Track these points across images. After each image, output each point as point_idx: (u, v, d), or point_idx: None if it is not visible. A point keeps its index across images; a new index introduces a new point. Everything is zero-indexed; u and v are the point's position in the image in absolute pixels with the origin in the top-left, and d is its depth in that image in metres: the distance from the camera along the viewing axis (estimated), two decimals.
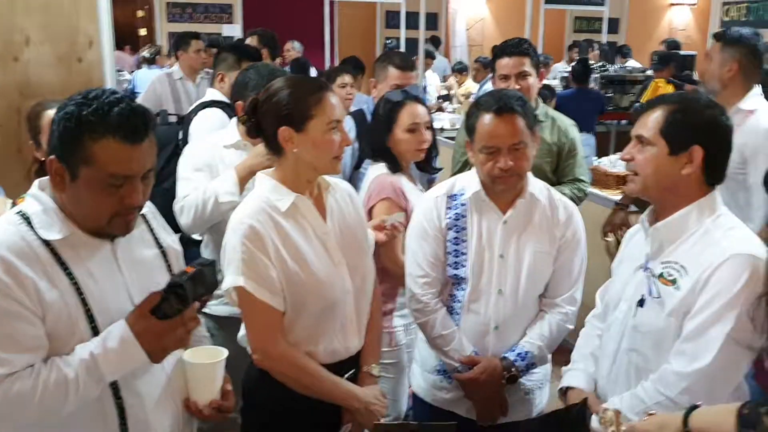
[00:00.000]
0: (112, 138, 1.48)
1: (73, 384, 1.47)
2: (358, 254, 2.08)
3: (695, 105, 1.82)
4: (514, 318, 2.24)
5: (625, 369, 1.90)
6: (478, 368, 2.19)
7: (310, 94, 1.92)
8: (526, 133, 2.15)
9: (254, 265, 1.87)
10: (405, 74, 3.19)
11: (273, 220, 1.92)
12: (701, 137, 1.77)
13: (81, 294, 1.53)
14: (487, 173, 2.16)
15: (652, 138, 1.81)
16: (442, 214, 2.25)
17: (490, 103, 2.16)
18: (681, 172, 1.78)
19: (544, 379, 2.40)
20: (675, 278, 1.78)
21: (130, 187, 1.53)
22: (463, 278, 2.22)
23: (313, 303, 1.94)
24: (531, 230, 2.22)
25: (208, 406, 1.71)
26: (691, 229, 1.80)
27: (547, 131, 3.19)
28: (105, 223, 1.55)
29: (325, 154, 1.94)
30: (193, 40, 5.48)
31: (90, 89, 1.55)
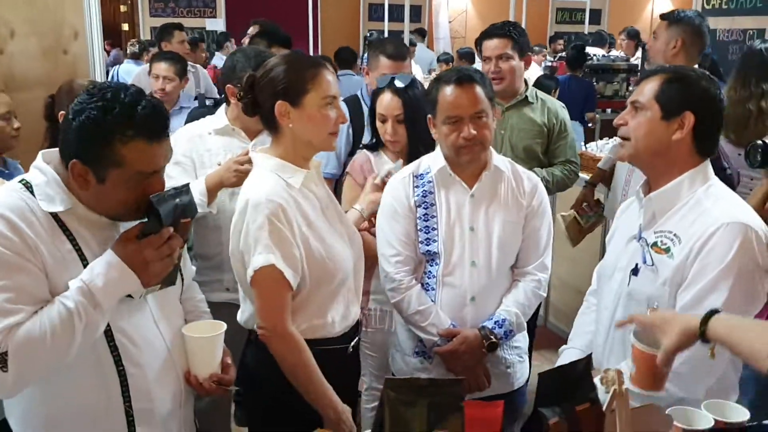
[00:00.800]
0: (141, 140, 1.52)
1: (76, 314, 1.50)
2: (349, 224, 2.14)
3: (691, 74, 1.89)
4: (490, 288, 2.29)
5: (620, 338, 1.93)
6: (457, 339, 2.24)
7: (307, 69, 1.94)
8: (486, 103, 2.21)
9: (281, 244, 1.86)
10: (396, 64, 3.18)
11: (292, 198, 1.93)
12: (694, 104, 1.83)
13: (84, 260, 1.56)
14: (452, 144, 2.21)
15: (646, 103, 1.86)
16: (410, 193, 2.30)
17: (449, 75, 2.24)
18: (672, 138, 1.84)
19: (523, 352, 2.45)
20: (668, 246, 1.83)
21: (156, 179, 1.59)
22: (435, 253, 2.27)
23: (331, 277, 1.97)
24: (498, 202, 2.28)
25: (208, 380, 1.74)
26: (683, 198, 1.85)
27: (537, 112, 3.25)
28: (128, 214, 1.60)
29: (321, 130, 1.96)
30: (176, 31, 5.46)
31: (99, 84, 1.59)
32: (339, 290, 2.01)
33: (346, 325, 2.05)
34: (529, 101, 3.27)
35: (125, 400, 1.63)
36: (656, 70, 1.93)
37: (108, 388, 1.62)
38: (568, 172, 3.28)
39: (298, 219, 1.91)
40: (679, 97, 1.83)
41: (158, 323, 1.71)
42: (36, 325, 1.47)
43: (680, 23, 3.33)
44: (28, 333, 1.46)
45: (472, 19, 13.85)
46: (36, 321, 1.48)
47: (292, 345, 1.91)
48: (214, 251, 2.65)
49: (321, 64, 1.98)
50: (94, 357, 1.60)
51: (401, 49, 3.29)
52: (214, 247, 2.63)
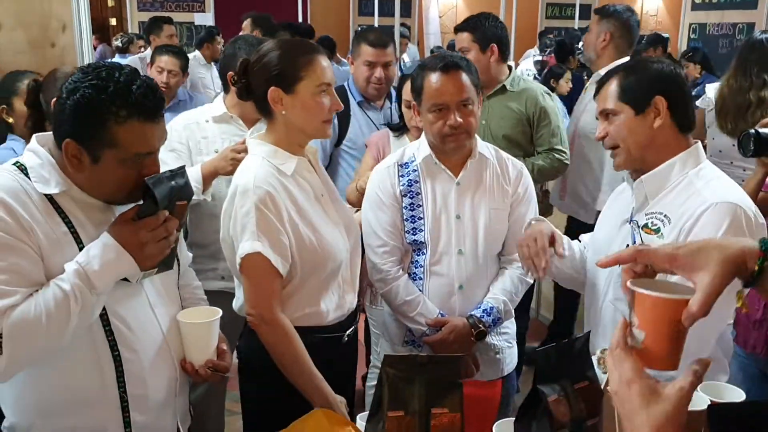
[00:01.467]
0: (136, 120, 1.50)
1: (72, 296, 1.48)
2: (347, 212, 2.13)
3: (641, 63, 1.93)
4: (477, 276, 2.28)
5: (610, 318, 1.95)
6: (446, 328, 2.23)
7: (301, 55, 1.92)
8: (473, 90, 2.20)
9: (269, 231, 1.86)
10: (377, 51, 3.18)
11: (282, 185, 1.91)
12: (658, 87, 1.86)
13: (79, 242, 1.55)
14: (438, 132, 2.19)
15: (615, 107, 1.88)
16: (396, 182, 2.28)
17: (435, 62, 2.21)
18: (653, 126, 1.85)
19: (511, 338, 2.45)
20: (659, 227, 1.84)
21: (150, 160, 1.57)
22: (422, 242, 2.26)
23: (323, 265, 1.95)
24: (483, 189, 2.28)
25: (204, 366, 1.73)
26: (674, 180, 1.86)
27: (515, 101, 3.25)
28: (123, 197, 1.59)
29: (314, 117, 1.94)
30: (166, 25, 5.45)
31: (93, 64, 1.56)
32: (332, 279, 2.00)
33: (340, 314, 2.04)
34: (508, 89, 3.27)
35: (120, 385, 1.62)
36: (608, 74, 1.95)
37: (102, 373, 1.60)
38: (551, 160, 3.26)
39: (288, 205, 1.90)
40: (641, 88, 1.86)
41: (154, 309, 1.70)
42: (31, 307, 1.46)
43: (610, 18, 3.51)
44: (22, 315, 1.44)
45: (462, 14, 13.82)
46: (31, 303, 1.46)
47: (281, 332, 1.89)
48: (209, 239, 2.64)
49: (315, 51, 1.96)
50: (89, 341, 1.58)
51: (383, 37, 3.31)
52: (210, 235, 2.62)
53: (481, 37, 3.23)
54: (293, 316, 1.93)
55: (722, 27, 7.64)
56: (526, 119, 3.24)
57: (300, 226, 1.91)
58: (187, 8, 8.59)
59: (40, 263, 1.50)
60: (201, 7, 8.65)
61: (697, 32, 7.89)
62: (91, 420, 1.61)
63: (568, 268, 2.16)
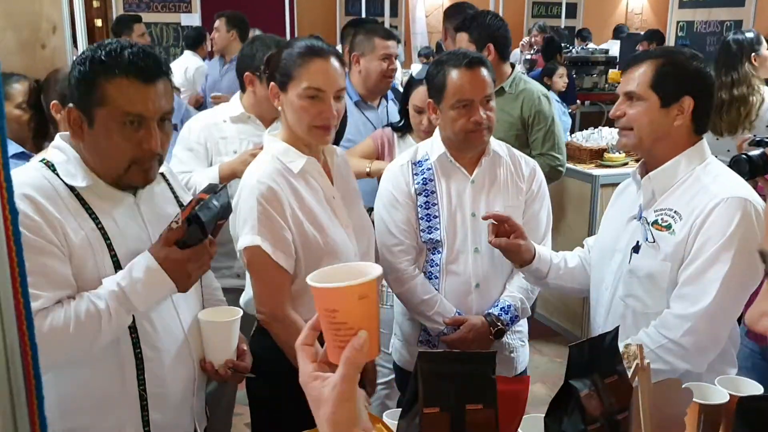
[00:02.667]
0: (125, 76, 1.50)
1: (105, 314, 1.48)
2: (362, 217, 2.10)
3: (681, 57, 1.88)
4: (493, 274, 2.28)
5: (620, 315, 1.95)
6: (465, 327, 2.22)
7: (299, 55, 1.90)
8: (492, 86, 2.21)
9: (270, 226, 1.85)
10: (392, 42, 3.19)
11: (288, 182, 1.90)
12: (691, 88, 1.84)
13: (107, 239, 1.54)
14: (461, 129, 2.17)
15: (642, 93, 1.85)
16: (410, 181, 2.27)
17: (456, 58, 2.19)
18: (674, 124, 1.84)
19: (524, 336, 2.45)
20: (669, 223, 1.84)
21: (146, 130, 1.53)
22: (438, 241, 2.24)
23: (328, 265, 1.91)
24: (498, 186, 2.27)
25: (224, 366, 1.71)
26: (681, 176, 1.86)
27: (511, 103, 3.24)
28: (123, 170, 1.56)
29: (301, 121, 1.91)
30: (136, 24, 5.36)
31: (108, 40, 1.58)
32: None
33: None
34: (506, 92, 3.25)
35: (140, 383, 1.61)
36: (643, 55, 1.92)
37: (123, 371, 1.59)
38: (542, 166, 3.25)
39: (292, 202, 1.88)
40: (676, 84, 1.84)
41: (177, 308, 1.69)
42: (61, 315, 1.45)
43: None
44: (51, 323, 1.43)
45: None
46: (61, 312, 1.45)
47: (293, 329, 1.87)
48: (225, 237, 2.61)
49: (319, 54, 1.90)
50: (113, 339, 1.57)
51: (389, 29, 3.34)
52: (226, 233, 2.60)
53: (477, 37, 3.21)
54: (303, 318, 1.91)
55: (710, 24, 7.68)
56: (521, 123, 3.23)
57: (304, 223, 1.89)
58: (174, 8, 8.51)
59: (68, 263, 1.49)
60: (187, 8, 8.57)
61: (685, 30, 7.92)
62: (111, 417, 1.60)
63: (568, 282, 2.17)
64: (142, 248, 1.60)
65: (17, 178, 1.50)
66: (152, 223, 1.66)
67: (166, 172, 1.80)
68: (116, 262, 1.56)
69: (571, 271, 2.15)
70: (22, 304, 0.70)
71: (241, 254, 1.92)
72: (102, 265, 1.54)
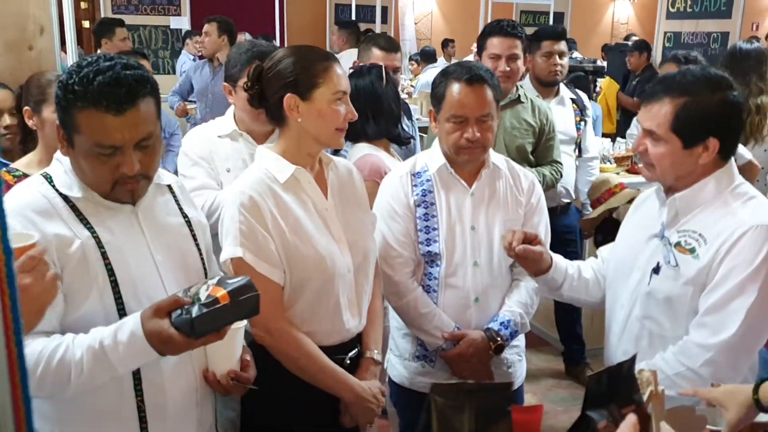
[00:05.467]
0: (95, 108, 1.46)
1: (77, 367, 1.43)
2: (360, 232, 2.03)
3: (703, 97, 1.75)
4: (492, 288, 2.24)
5: (635, 336, 1.90)
6: (464, 342, 2.18)
7: (318, 62, 1.88)
8: (493, 105, 2.16)
9: (253, 237, 1.81)
10: (389, 55, 3.13)
11: (272, 192, 1.87)
12: (715, 129, 1.75)
13: (102, 248, 1.52)
14: (453, 143, 2.15)
15: (663, 135, 1.77)
16: (409, 192, 2.22)
17: (460, 72, 2.15)
18: (698, 162, 1.78)
19: (521, 351, 2.42)
20: (693, 247, 1.78)
21: (121, 156, 1.50)
22: (436, 254, 2.20)
23: (314, 278, 1.89)
24: (497, 199, 2.24)
25: (226, 377, 1.67)
26: (708, 199, 1.80)
27: (528, 112, 3.24)
28: (108, 190, 1.55)
29: (329, 125, 1.89)
30: (118, 28, 5.28)
31: (90, 55, 1.55)
32: (328, 296, 1.91)
33: (340, 338, 1.97)
34: (521, 101, 3.24)
35: (137, 394, 1.57)
36: (663, 89, 1.79)
37: (120, 380, 1.54)
38: (555, 172, 3.28)
39: (274, 211, 1.85)
40: (699, 126, 1.74)
41: None
42: (36, 352, 1.41)
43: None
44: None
45: (437, 21, 13.90)
46: (37, 348, 1.42)
47: (288, 338, 1.85)
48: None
49: (331, 58, 1.93)
50: None
51: (393, 41, 3.30)
52: None
53: (525, 46, 3.22)
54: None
55: (697, 36, 7.72)
56: (538, 131, 3.23)
57: (286, 233, 1.85)
58: (163, 11, 8.41)
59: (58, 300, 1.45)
60: (177, 11, 8.48)
61: (672, 41, 7.97)
62: (109, 428, 1.57)
63: (582, 294, 2.13)
64: (139, 258, 1.58)
65: (13, 198, 1.49)
66: (151, 230, 1.62)
67: (173, 184, 1.76)
68: (110, 270, 1.52)
69: (585, 283, 2.11)
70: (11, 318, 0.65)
71: (226, 267, 1.86)
72: (95, 276, 1.51)
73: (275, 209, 1.85)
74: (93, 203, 1.56)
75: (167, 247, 1.64)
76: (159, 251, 1.62)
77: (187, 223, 1.73)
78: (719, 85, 1.78)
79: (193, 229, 1.74)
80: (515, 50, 3.12)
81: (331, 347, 1.93)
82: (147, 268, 1.59)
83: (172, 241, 1.67)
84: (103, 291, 1.52)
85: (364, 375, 1.99)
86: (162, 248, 1.63)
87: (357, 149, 2.68)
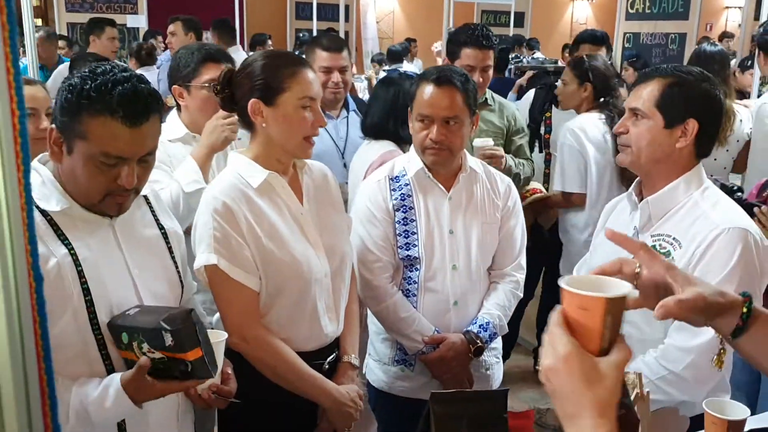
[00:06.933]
0: (110, 117, 1.43)
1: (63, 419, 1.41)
2: (336, 236, 2.01)
3: (690, 78, 1.82)
4: (471, 292, 2.25)
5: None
6: (444, 346, 2.18)
7: (285, 66, 1.85)
8: (463, 109, 2.14)
9: (227, 243, 1.78)
10: (332, 55, 3.05)
11: (246, 197, 1.83)
12: (697, 110, 1.79)
13: (78, 266, 1.47)
14: (420, 143, 2.17)
15: (647, 111, 1.81)
16: (388, 197, 2.22)
17: (432, 73, 2.18)
18: (675, 146, 1.80)
19: (499, 353, 2.43)
20: (668, 251, 1.80)
21: (124, 168, 1.48)
22: (416, 258, 2.20)
23: (290, 284, 1.86)
24: (475, 203, 2.25)
25: (207, 390, 1.64)
26: (679, 201, 1.82)
27: (496, 115, 3.24)
28: (97, 200, 1.52)
29: (295, 133, 1.86)
30: (108, 27, 5.22)
31: (101, 63, 1.51)
32: (305, 302, 1.89)
33: (318, 344, 1.95)
34: (488, 104, 3.24)
35: None
36: (653, 72, 1.87)
37: None
38: (531, 169, 3.28)
39: (249, 217, 1.82)
40: (682, 105, 1.79)
41: None
42: None
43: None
44: None
45: (399, 19, 13.90)
46: None
47: (265, 345, 1.83)
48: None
49: (302, 63, 1.90)
50: (84, 363, 1.50)
51: (336, 40, 3.19)
52: None
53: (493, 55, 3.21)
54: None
55: (655, 37, 7.85)
56: (506, 131, 3.24)
57: (262, 239, 1.82)
58: (119, 9, 8.22)
59: None
60: (133, 9, 8.30)
61: (632, 41, 8.08)
62: None
63: None
64: (116, 275, 1.55)
65: None
66: (128, 245, 1.60)
67: (149, 194, 1.73)
68: (86, 290, 1.49)
69: None
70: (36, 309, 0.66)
71: (200, 274, 1.82)
72: (70, 294, 1.47)
73: (250, 215, 1.82)
74: (70, 217, 1.52)
75: (144, 260, 1.62)
76: (136, 265, 1.60)
77: (163, 235, 1.71)
78: (709, 79, 1.84)
79: (169, 241, 1.72)
80: (488, 61, 3.11)
81: (309, 353, 1.92)
82: (123, 284, 1.56)
83: (149, 254, 1.65)
84: (77, 310, 1.48)
85: (341, 380, 1.97)
86: (139, 262, 1.61)
87: (380, 144, 2.67)
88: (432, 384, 2.23)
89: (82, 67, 3.64)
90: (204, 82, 2.37)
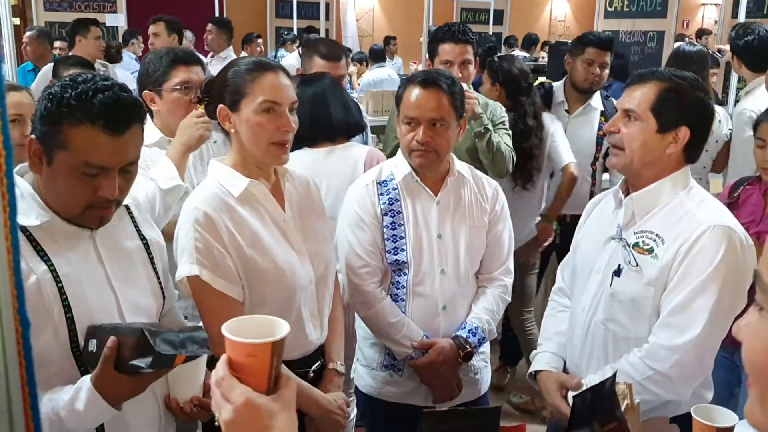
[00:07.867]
0: (91, 126, 1.41)
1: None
2: (319, 242, 2.01)
3: (686, 85, 1.84)
4: (459, 296, 2.25)
5: (601, 340, 1.93)
6: (433, 351, 2.18)
7: (249, 72, 1.83)
8: (450, 112, 2.15)
9: (209, 253, 1.77)
10: (330, 64, 3.04)
11: (227, 206, 1.82)
12: (690, 118, 1.82)
13: (59, 283, 1.45)
14: (406, 145, 2.18)
15: (641, 113, 1.83)
16: (376, 201, 2.22)
17: (419, 75, 2.20)
18: (665, 151, 1.83)
19: (487, 357, 2.43)
20: (651, 247, 1.82)
21: (105, 178, 1.46)
22: (404, 262, 2.20)
23: (274, 292, 1.85)
24: (463, 208, 2.25)
25: (189, 403, 1.62)
26: (664, 199, 1.85)
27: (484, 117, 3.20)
28: (78, 213, 1.49)
29: (258, 138, 1.83)
30: (93, 27, 5.17)
31: (82, 72, 1.49)
32: (290, 309, 1.88)
33: (303, 351, 1.95)
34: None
35: (98, 428, 1.51)
36: (649, 74, 1.88)
37: None
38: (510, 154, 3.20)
39: (230, 227, 1.80)
40: (676, 111, 1.81)
41: None
42: None
43: None
44: None
45: (379, 18, 13.88)
46: None
47: None
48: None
49: (268, 68, 1.85)
50: (64, 380, 1.47)
51: (335, 49, 3.16)
52: None
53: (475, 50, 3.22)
54: None
55: (634, 35, 7.91)
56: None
57: (244, 248, 1.81)
58: (98, 8, 8.13)
59: None
60: (112, 8, 8.21)
61: None
62: None
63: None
64: (97, 289, 1.53)
65: None
66: (109, 258, 1.58)
67: (131, 204, 1.71)
68: (67, 307, 1.47)
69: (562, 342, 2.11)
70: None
71: (183, 285, 1.81)
72: (51, 311, 1.45)
73: (231, 224, 1.81)
74: (50, 231, 1.49)
75: (125, 272, 1.60)
76: (117, 278, 1.58)
77: (145, 246, 1.69)
78: (702, 87, 1.87)
79: (151, 252, 1.70)
80: (467, 56, 3.11)
81: (294, 361, 1.90)
82: (105, 298, 1.54)
83: (130, 267, 1.63)
84: (58, 328, 1.46)
85: (328, 387, 1.97)
86: (120, 274, 1.59)
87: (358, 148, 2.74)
88: (421, 389, 2.24)
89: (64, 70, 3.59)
90: (174, 85, 2.39)
